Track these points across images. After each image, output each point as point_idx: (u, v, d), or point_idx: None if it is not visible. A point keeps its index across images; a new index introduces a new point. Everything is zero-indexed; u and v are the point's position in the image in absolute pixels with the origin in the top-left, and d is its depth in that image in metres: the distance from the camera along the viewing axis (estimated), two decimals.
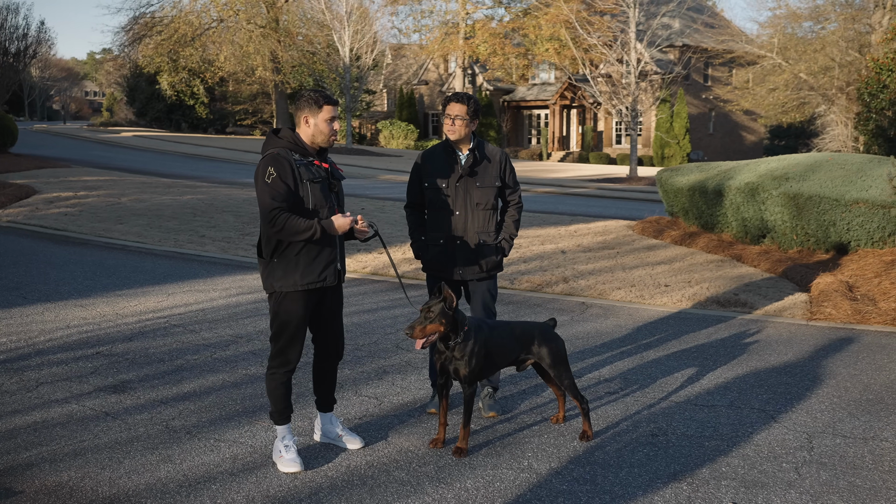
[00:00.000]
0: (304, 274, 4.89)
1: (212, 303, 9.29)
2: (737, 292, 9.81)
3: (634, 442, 5.52)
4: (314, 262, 4.91)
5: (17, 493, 4.68)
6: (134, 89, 62.28)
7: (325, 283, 4.99)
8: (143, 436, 5.53)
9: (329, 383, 5.34)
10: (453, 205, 5.78)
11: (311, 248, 4.88)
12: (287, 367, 5.03)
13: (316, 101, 4.88)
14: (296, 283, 4.90)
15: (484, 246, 5.82)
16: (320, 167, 4.95)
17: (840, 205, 11.09)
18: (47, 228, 14.09)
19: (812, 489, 4.82)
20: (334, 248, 4.99)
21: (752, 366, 7.23)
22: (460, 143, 5.80)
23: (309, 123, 4.90)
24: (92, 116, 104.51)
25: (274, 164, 4.76)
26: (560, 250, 12.58)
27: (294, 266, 4.88)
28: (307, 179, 4.83)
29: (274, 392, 5.04)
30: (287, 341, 4.98)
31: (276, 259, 4.90)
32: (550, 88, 54.75)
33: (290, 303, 4.94)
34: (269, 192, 4.72)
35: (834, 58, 39.23)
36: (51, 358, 7.17)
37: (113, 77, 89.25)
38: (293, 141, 4.91)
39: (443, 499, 4.67)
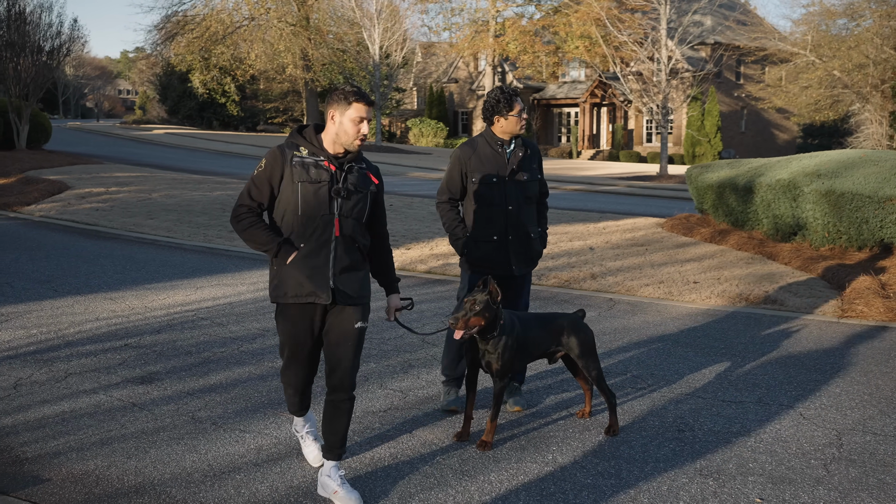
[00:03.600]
0: (294, 285, 4.40)
1: (240, 297, 9.33)
2: (767, 290, 9.71)
3: (660, 437, 5.47)
4: (305, 273, 4.38)
5: (45, 481, 4.72)
6: (166, 87, 62.84)
7: (316, 299, 4.41)
8: (170, 426, 5.56)
9: (334, 423, 4.54)
10: (507, 200, 5.66)
11: (306, 258, 4.37)
12: (291, 388, 4.73)
13: (346, 97, 4.37)
14: (287, 293, 4.43)
15: (534, 240, 5.81)
16: (326, 169, 4.39)
17: (874, 202, 10.95)
18: (79, 223, 14.22)
19: (841, 486, 4.76)
20: (327, 264, 4.39)
21: (782, 362, 7.15)
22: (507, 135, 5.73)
23: (335, 121, 4.40)
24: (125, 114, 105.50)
25: (268, 158, 4.45)
26: (588, 247, 12.52)
27: (286, 273, 4.40)
28: (300, 180, 4.34)
29: (288, 398, 4.86)
30: (287, 360, 4.63)
31: (275, 266, 4.48)
32: (581, 86, 54.54)
33: (282, 314, 4.53)
34: (250, 186, 4.44)
35: (868, 55, 38.77)
36: (80, 349, 7.23)
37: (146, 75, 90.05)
38: (309, 138, 4.49)
39: (466, 491, 4.66)
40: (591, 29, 44.56)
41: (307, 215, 4.36)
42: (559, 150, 53.31)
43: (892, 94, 34.82)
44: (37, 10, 25.23)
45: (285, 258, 4.35)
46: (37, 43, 25.59)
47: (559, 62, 54.30)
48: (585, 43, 47.13)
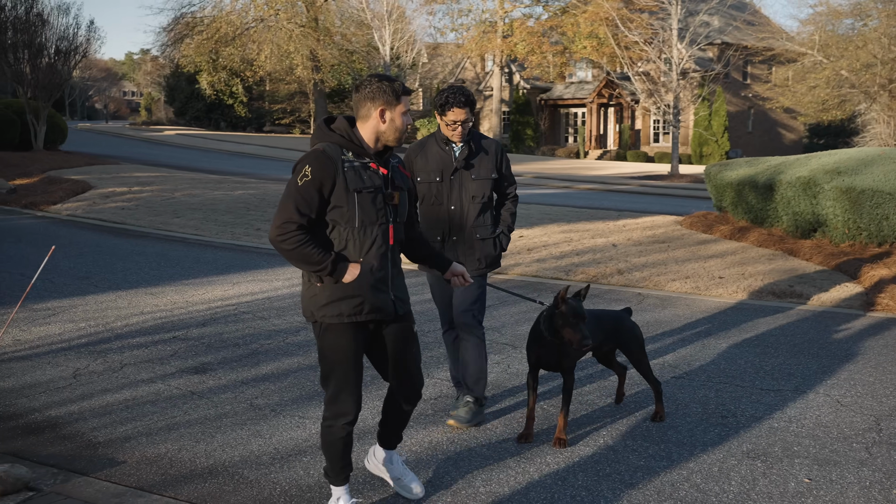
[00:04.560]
0: (354, 301, 3.96)
1: (276, 292, 9.54)
2: (792, 284, 9.90)
3: (705, 423, 5.67)
4: (366, 288, 3.97)
5: (121, 463, 4.92)
6: (174, 89, 63.13)
7: (379, 315, 4.05)
8: (230, 413, 5.77)
9: (398, 424, 4.48)
10: (450, 199, 5.48)
11: (369, 273, 3.97)
12: (345, 418, 4.08)
13: (394, 92, 3.98)
14: (342, 313, 3.97)
15: (481, 240, 5.54)
16: (377, 172, 3.99)
17: (894, 198, 11.14)
18: (106, 222, 14.44)
19: (885, 467, 4.95)
20: (387, 276, 4.06)
21: (813, 353, 7.34)
22: None
23: (384, 118, 3.99)
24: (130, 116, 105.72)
25: (314, 164, 3.87)
26: (611, 244, 12.71)
27: (342, 291, 3.94)
28: (355, 189, 3.90)
29: (330, 448, 4.15)
30: (339, 385, 4.07)
31: (321, 282, 3.97)
32: (588, 87, 54.72)
33: (336, 336, 4.02)
34: (295, 198, 3.85)
35: (876, 55, 38.92)
36: (130, 342, 7.44)
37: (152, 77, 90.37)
38: (348, 136, 3.99)
39: (525, 472, 4.86)
40: (599, 29, 44.80)
41: (365, 226, 3.95)
42: (566, 151, 53.49)
43: None
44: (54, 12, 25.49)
45: (342, 276, 3.91)
46: (54, 45, 25.83)
47: (566, 62, 54.48)
48: (593, 43, 47.32)
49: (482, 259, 5.56)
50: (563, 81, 56.83)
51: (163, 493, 4.55)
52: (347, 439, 4.14)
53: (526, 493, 4.60)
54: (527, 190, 24.56)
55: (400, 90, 4.01)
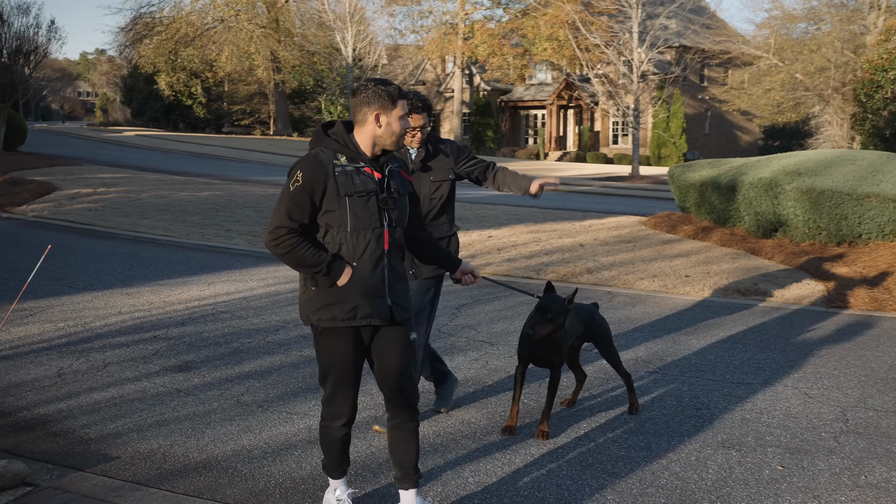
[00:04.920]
0: (347, 306, 3.95)
1: (252, 291, 9.62)
2: (756, 282, 10.18)
3: (681, 415, 5.88)
4: (358, 293, 3.96)
5: (115, 459, 5.02)
6: (131, 89, 62.47)
7: (373, 320, 4.01)
8: (218, 409, 5.87)
9: (406, 449, 4.19)
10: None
11: (361, 277, 3.96)
12: (339, 420, 4.12)
13: (390, 96, 3.96)
14: (335, 316, 3.97)
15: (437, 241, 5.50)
16: (370, 177, 3.97)
17: (852, 199, 11.48)
18: (74, 223, 14.40)
19: (852, 455, 5.19)
20: (383, 281, 4.02)
21: (780, 348, 7.60)
22: None
23: (380, 123, 3.96)
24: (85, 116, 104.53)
25: (305, 169, 3.89)
26: (579, 244, 12.94)
27: (336, 295, 3.95)
28: (346, 193, 3.88)
29: (328, 447, 4.22)
30: (334, 388, 4.09)
31: (317, 286, 3.98)
32: (548, 89, 55.14)
33: (331, 340, 4.02)
34: (287, 203, 3.88)
35: (829, 58, 39.70)
36: (111, 341, 7.50)
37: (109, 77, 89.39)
38: (343, 141, 3.99)
39: (511, 463, 5.02)
40: (559, 31, 45.21)
41: (357, 230, 3.93)
42: (527, 152, 53.86)
43: (854, 96, 35.72)
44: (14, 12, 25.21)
45: (338, 277, 3.92)
46: (13, 45, 25.56)
47: (527, 65, 54.86)
48: (553, 45, 47.74)
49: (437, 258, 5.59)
50: (524, 83, 57.21)
51: (160, 487, 4.65)
52: (345, 439, 4.18)
53: (513, 482, 4.77)
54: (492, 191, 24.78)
55: (396, 94, 3.98)
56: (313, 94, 57.65)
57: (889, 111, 32.45)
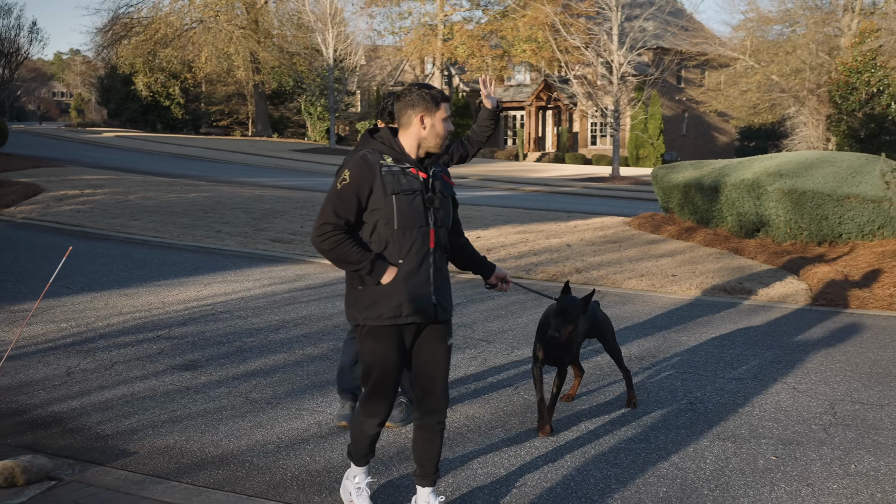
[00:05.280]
0: (393, 304, 4.06)
1: (249, 292, 9.77)
2: (741, 281, 10.44)
3: (676, 409, 6.10)
4: (405, 291, 4.07)
5: (133, 454, 5.17)
6: (108, 90, 62.17)
7: (418, 318, 4.11)
8: (228, 406, 6.03)
9: (429, 449, 4.30)
10: None
11: (407, 275, 4.06)
12: (375, 418, 4.23)
13: (433, 99, 4.10)
14: (381, 315, 4.07)
15: None
16: (416, 177, 4.09)
17: (833, 199, 11.77)
18: (64, 224, 14.47)
19: (842, 445, 5.42)
20: (428, 279, 4.13)
21: (767, 345, 7.84)
22: None
23: (425, 124, 4.10)
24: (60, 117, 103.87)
25: (353, 168, 4.02)
26: (566, 244, 13.17)
27: (382, 294, 4.06)
28: (393, 191, 4.00)
29: (358, 440, 4.35)
30: (374, 387, 4.17)
31: (363, 285, 4.10)
32: (526, 90, 55.45)
33: (375, 339, 4.12)
34: (334, 202, 4.02)
35: (805, 60, 40.22)
36: (115, 341, 7.63)
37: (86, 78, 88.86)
38: (389, 143, 4.14)
39: (517, 455, 5.23)
40: (538, 33, 45.54)
41: (404, 228, 4.04)
42: (506, 153, 54.11)
43: (829, 98, 36.21)
44: None
45: (381, 276, 4.03)
46: None
47: (506, 66, 55.14)
48: (532, 46, 48.06)
49: None
50: (502, 85, 57.47)
51: (180, 480, 4.81)
52: (375, 436, 4.31)
53: (520, 473, 4.97)
54: (475, 192, 25.03)
55: (439, 97, 4.13)
56: (292, 95, 57.68)
57: (864, 113, 32.92)
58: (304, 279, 10.60)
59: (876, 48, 34.32)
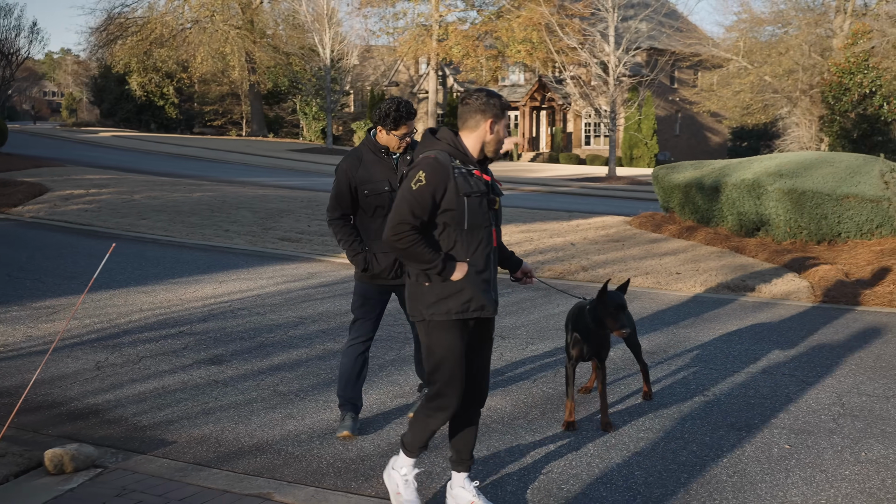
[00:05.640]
0: (461, 299, 4.24)
1: (263, 289, 9.97)
2: (744, 279, 10.68)
3: (690, 401, 6.32)
4: (472, 287, 4.25)
5: (172, 443, 5.37)
6: (102, 90, 62.21)
7: (482, 313, 4.33)
8: (258, 398, 6.24)
9: (468, 436, 4.53)
10: None
11: (477, 272, 4.25)
12: (446, 412, 4.33)
13: (502, 107, 4.29)
14: (449, 310, 4.25)
15: None
16: (481, 179, 4.28)
17: (832, 199, 12.03)
18: (72, 223, 14.64)
19: (851, 435, 5.65)
20: (490, 275, 4.34)
21: (774, 340, 8.07)
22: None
23: (492, 130, 4.28)
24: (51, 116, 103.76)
25: (428, 170, 4.14)
26: (570, 243, 13.40)
27: (451, 289, 4.23)
28: (464, 193, 4.17)
29: (421, 431, 4.42)
30: (444, 381, 4.28)
31: (430, 281, 4.26)
32: (520, 90, 55.69)
33: (444, 333, 4.26)
34: (410, 202, 4.13)
35: (797, 61, 40.57)
36: (139, 336, 7.83)
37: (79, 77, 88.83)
38: (454, 144, 4.28)
39: (541, 444, 5.44)
40: (533, 34, 45.79)
41: (472, 228, 4.23)
42: None
43: (822, 99, 36.53)
44: None
45: (450, 274, 4.19)
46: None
47: (500, 66, 55.38)
48: (527, 47, 48.31)
49: None
50: (497, 85, 57.69)
51: (220, 468, 5.02)
52: (437, 430, 4.41)
53: (546, 461, 5.18)
54: None
55: (507, 106, 4.33)
56: (287, 95, 57.83)
57: (856, 113, 33.26)
58: (317, 277, 10.80)
59: (868, 49, 34.67)
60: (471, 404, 4.47)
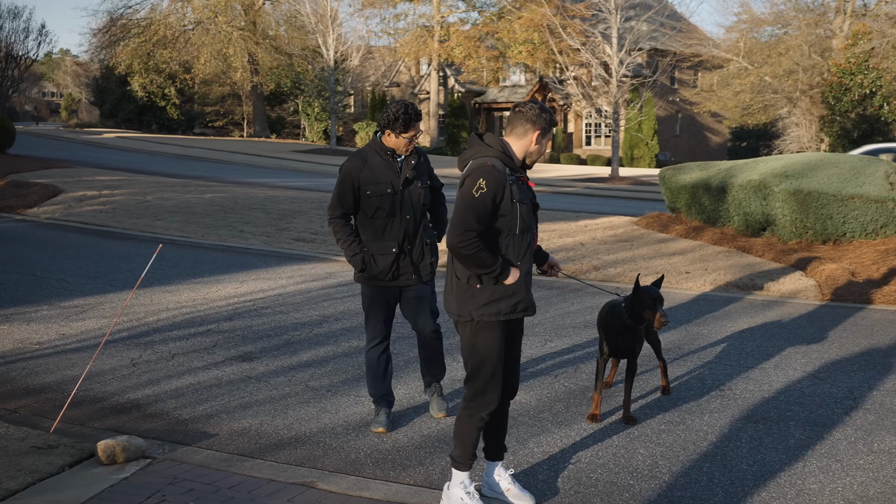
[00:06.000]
0: (511, 301, 4.46)
1: (284, 289, 10.21)
2: (752, 278, 10.92)
3: (707, 395, 6.57)
4: (523, 287, 4.49)
5: (214, 436, 5.62)
6: (103, 91, 62.36)
7: (527, 313, 4.58)
8: (290, 394, 6.48)
9: (501, 426, 4.81)
10: (403, 209, 5.64)
11: (525, 275, 4.50)
12: (489, 407, 4.53)
13: (550, 123, 4.48)
14: (499, 311, 4.45)
15: (430, 245, 5.81)
16: (528, 186, 4.53)
17: (837, 199, 12.28)
18: (89, 224, 14.87)
19: (864, 427, 5.90)
20: (531, 277, 4.61)
21: (784, 337, 8.32)
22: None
23: (538, 142, 4.47)
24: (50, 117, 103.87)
25: (488, 177, 4.29)
26: (579, 243, 13.65)
27: (502, 292, 4.44)
28: (518, 200, 4.37)
29: (467, 436, 4.57)
30: (488, 378, 4.50)
31: (481, 283, 4.43)
32: (521, 90, 55.93)
33: (490, 333, 4.46)
34: (475, 210, 4.27)
35: (797, 61, 40.83)
36: (169, 334, 8.06)
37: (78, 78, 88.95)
38: (504, 151, 4.45)
39: (567, 436, 5.69)
40: (535, 35, 46.05)
41: (522, 233, 4.44)
42: None
43: (822, 99, 36.80)
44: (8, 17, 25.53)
45: (506, 277, 4.39)
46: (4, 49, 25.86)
47: (501, 67, 55.63)
48: (529, 48, 48.55)
49: (433, 263, 5.83)
50: (498, 85, 57.94)
51: (264, 458, 5.26)
52: (482, 427, 4.59)
53: (574, 451, 5.43)
54: None
55: (554, 122, 4.52)
56: (289, 96, 58.04)
57: (856, 114, 33.55)
58: (334, 277, 11.04)
59: (868, 50, 34.95)
60: (507, 394, 4.73)
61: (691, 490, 4.90)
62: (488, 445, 4.82)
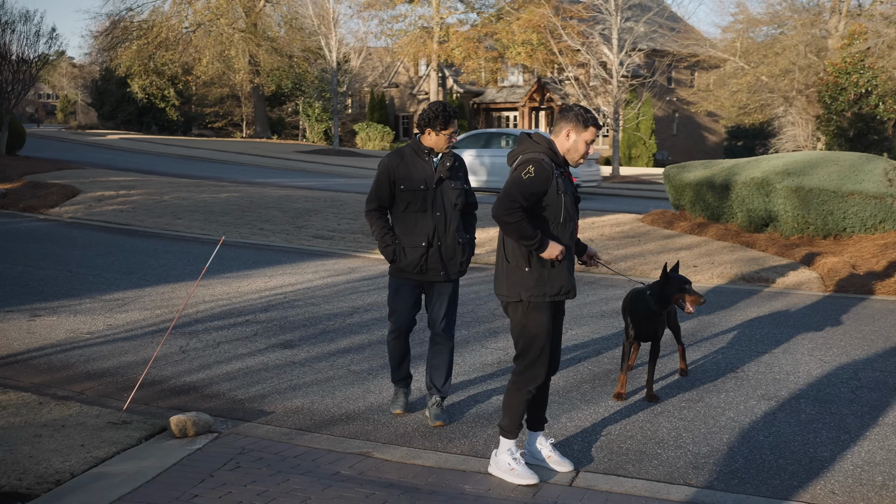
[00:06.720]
0: (557, 284, 4.92)
1: (311, 283, 10.68)
2: (757, 271, 11.42)
3: (722, 377, 7.06)
4: (566, 272, 4.94)
5: (270, 413, 6.09)
6: (103, 93, 62.71)
7: (569, 295, 5.03)
8: (335, 377, 6.95)
9: (543, 399, 5.27)
10: (435, 206, 5.91)
11: (569, 260, 4.95)
12: (536, 382, 5.00)
13: (584, 121, 4.93)
14: (545, 293, 4.91)
15: (461, 245, 6.00)
16: (570, 181, 4.99)
17: (838, 196, 12.78)
18: (111, 223, 15.32)
19: (870, 403, 6.39)
20: (573, 263, 5.06)
21: (791, 325, 8.81)
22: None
23: (569, 138, 4.94)
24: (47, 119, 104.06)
25: (537, 167, 4.78)
26: (588, 239, 14.12)
27: (549, 275, 4.89)
28: (562, 192, 4.85)
29: (516, 406, 5.04)
30: (537, 355, 4.96)
31: (530, 267, 4.89)
32: (520, 91, 56.44)
33: (540, 314, 4.93)
34: (522, 188, 4.74)
35: (793, 61, 41.32)
36: (211, 325, 8.53)
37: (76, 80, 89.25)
38: (550, 147, 4.95)
39: (595, 413, 6.17)
40: (533, 35, 46.54)
41: (566, 222, 4.93)
42: None
43: (818, 98, 37.31)
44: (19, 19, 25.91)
45: (544, 250, 4.79)
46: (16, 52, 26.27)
47: (500, 67, 56.12)
48: (527, 49, 49.04)
49: (463, 262, 6.04)
50: (496, 86, 58.45)
51: (320, 432, 5.73)
52: (528, 400, 5.05)
53: (603, 425, 5.92)
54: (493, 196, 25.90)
55: (589, 120, 4.95)
56: (290, 97, 58.47)
57: (853, 113, 34.06)
58: (358, 271, 11.51)
59: (864, 50, 35.46)
60: (551, 371, 5.20)
61: (714, 458, 5.38)
62: (531, 417, 5.30)
